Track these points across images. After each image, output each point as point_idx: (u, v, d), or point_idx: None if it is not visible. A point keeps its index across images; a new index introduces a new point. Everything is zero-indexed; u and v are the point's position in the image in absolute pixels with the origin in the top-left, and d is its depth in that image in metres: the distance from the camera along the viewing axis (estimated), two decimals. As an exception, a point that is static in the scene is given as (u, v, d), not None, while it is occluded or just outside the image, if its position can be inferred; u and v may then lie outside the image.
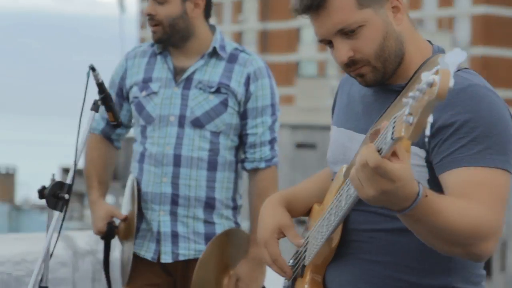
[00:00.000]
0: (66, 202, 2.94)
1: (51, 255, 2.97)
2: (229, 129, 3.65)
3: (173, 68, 3.68)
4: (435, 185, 2.19)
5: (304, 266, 2.37)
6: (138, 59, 3.76)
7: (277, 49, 69.61)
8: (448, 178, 2.15)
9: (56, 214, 2.94)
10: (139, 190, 3.68)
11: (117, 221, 3.74)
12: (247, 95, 3.65)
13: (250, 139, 3.66)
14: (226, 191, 3.67)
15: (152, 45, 3.75)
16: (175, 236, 3.63)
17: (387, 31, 2.25)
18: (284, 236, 2.41)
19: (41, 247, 3.55)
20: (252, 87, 3.65)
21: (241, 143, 3.71)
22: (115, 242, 3.83)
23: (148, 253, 3.67)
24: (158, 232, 3.64)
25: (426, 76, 1.81)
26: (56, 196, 2.94)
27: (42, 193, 2.95)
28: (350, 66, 2.27)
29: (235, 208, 3.73)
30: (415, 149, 2.20)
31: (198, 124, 3.61)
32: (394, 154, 1.94)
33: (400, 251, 2.24)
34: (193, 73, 3.66)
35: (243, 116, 3.66)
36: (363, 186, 1.96)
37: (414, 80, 2.27)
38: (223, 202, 3.67)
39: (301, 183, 2.61)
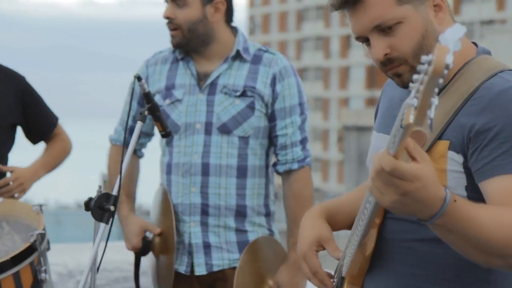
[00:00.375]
0: (112, 214, 2.90)
1: (98, 267, 2.94)
2: (257, 132, 3.53)
3: (196, 73, 3.57)
4: (474, 192, 2.08)
5: (342, 278, 2.28)
6: (160, 65, 3.66)
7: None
8: (489, 186, 2.04)
9: (102, 225, 2.90)
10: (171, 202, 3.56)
11: (149, 235, 3.64)
12: (274, 96, 3.52)
13: (281, 141, 3.54)
14: (257, 198, 3.55)
15: (174, 51, 3.64)
16: (207, 247, 3.53)
17: (427, 29, 2.15)
18: (324, 249, 2.32)
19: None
20: (278, 87, 3.52)
21: (271, 146, 3.59)
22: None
23: (181, 266, 3.57)
24: (190, 244, 3.54)
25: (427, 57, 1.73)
26: (102, 208, 2.90)
27: (87, 205, 2.92)
28: (387, 64, 2.17)
29: (268, 215, 3.61)
30: (451, 154, 2.10)
31: (225, 130, 3.50)
32: (412, 158, 1.84)
33: (437, 263, 2.14)
34: (217, 77, 3.54)
35: (271, 118, 3.54)
36: (383, 194, 1.85)
37: (455, 81, 2.16)
38: (255, 209, 3.55)
39: (345, 194, 2.53)
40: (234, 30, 3.63)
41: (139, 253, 3.64)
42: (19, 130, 3.90)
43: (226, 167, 3.51)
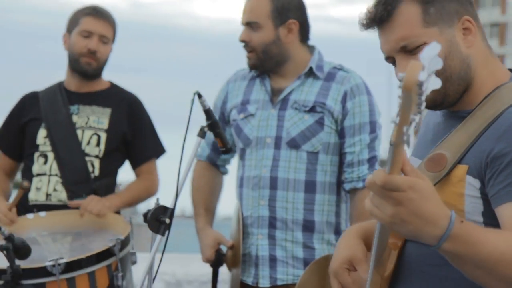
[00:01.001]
0: (168, 226, 3.00)
1: (154, 278, 3.04)
2: (327, 148, 3.55)
3: (270, 90, 3.64)
4: (491, 218, 2.05)
5: None
6: (239, 82, 3.75)
7: None
8: (504, 211, 2.01)
9: (159, 237, 3.00)
10: (241, 216, 3.63)
11: (224, 249, 3.72)
12: (344, 113, 3.54)
13: (348, 158, 3.54)
14: (327, 214, 3.56)
15: (251, 69, 3.72)
16: (273, 260, 3.57)
17: (451, 50, 2.14)
18: (355, 269, 2.32)
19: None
20: (349, 104, 3.54)
21: (342, 163, 3.59)
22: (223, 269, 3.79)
23: (248, 278, 3.62)
24: (256, 256, 3.59)
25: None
26: (158, 220, 3.01)
27: (145, 216, 3.03)
28: None
29: (338, 233, 3.59)
30: (469, 178, 2.08)
31: (294, 144, 3.54)
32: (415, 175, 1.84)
33: (451, 283, 2.11)
34: (290, 93, 3.60)
35: (341, 134, 3.56)
36: (380, 210, 1.85)
37: (482, 105, 2.14)
38: (324, 226, 3.56)
39: None
40: (312, 49, 3.67)
41: (213, 265, 3.71)
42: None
43: (294, 182, 3.55)
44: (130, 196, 4.03)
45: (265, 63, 3.60)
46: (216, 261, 3.70)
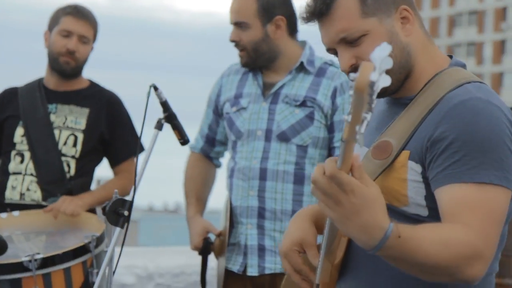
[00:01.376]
0: (127, 218, 3.01)
1: (114, 271, 3.05)
2: (316, 142, 3.61)
3: (262, 84, 3.72)
4: (433, 201, 2.11)
5: (317, 285, 2.32)
6: (232, 76, 3.83)
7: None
8: (441, 195, 2.07)
9: (117, 230, 3.02)
10: (230, 205, 3.72)
11: (213, 237, 3.80)
12: (334, 108, 3.60)
13: (337, 153, 3.61)
14: None
15: None
16: (261, 249, 3.64)
17: (391, 41, 2.18)
18: (305, 252, 2.35)
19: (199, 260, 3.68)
20: (338, 100, 3.61)
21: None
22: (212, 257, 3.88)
23: (235, 265, 3.70)
24: (245, 246, 3.67)
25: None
26: (117, 212, 3.02)
27: (104, 209, 3.04)
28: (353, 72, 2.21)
29: None
30: (411, 163, 2.13)
31: (284, 137, 3.61)
32: (362, 181, 1.90)
33: (399, 271, 2.14)
34: (281, 87, 3.67)
35: (330, 129, 3.62)
36: (323, 201, 1.92)
37: (423, 92, 2.19)
38: None
39: None
40: (302, 43, 3.75)
41: (201, 253, 3.80)
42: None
43: (283, 173, 3.62)
44: (104, 194, 4.02)
45: (257, 60, 3.67)
46: (203, 249, 3.77)
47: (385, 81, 1.81)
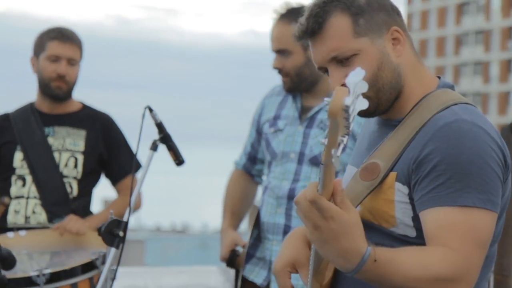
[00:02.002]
0: (122, 239, 3.03)
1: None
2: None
3: (300, 107, 3.79)
4: (420, 222, 2.13)
5: None
6: (274, 97, 3.92)
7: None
8: (425, 217, 2.09)
9: (113, 250, 3.04)
10: (258, 219, 3.79)
11: (241, 250, 3.86)
12: None
13: None
14: None
15: None
16: None
17: (382, 61, 2.21)
18: (297, 272, 2.37)
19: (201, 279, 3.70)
20: None
21: None
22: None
23: (257, 278, 3.76)
24: (270, 261, 3.73)
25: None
26: (112, 233, 3.04)
27: (99, 230, 3.06)
28: None
29: None
30: (398, 185, 2.15)
31: (315, 162, 3.67)
32: (335, 202, 1.92)
33: None
34: (317, 112, 3.73)
35: None
36: (303, 221, 1.95)
37: (411, 113, 2.20)
38: None
39: None
40: None
41: (228, 265, 3.87)
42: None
43: None
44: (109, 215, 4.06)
45: (300, 85, 3.73)
46: (229, 260, 3.85)
47: (362, 105, 1.84)
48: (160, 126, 3.17)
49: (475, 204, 2.05)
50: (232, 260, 3.85)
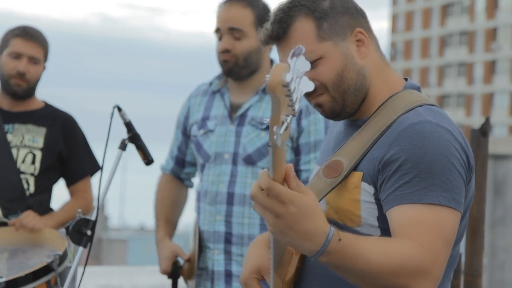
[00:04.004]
0: (90, 238, 3.03)
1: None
2: None
3: (229, 105, 3.68)
4: (385, 222, 2.14)
5: None
6: (200, 97, 3.79)
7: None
8: (392, 215, 2.11)
9: (81, 249, 3.04)
10: (199, 228, 3.68)
11: (182, 261, 3.75)
12: (299, 130, 3.56)
13: (303, 176, 3.56)
14: None
15: (210, 84, 3.77)
16: (228, 275, 3.60)
17: (346, 63, 2.23)
18: (264, 279, 2.38)
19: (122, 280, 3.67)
20: (304, 122, 3.56)
21: None
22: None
23: None
24: (212, 271, 3.63)
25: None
26: (80, 232, 3.04)
27: (67, 229, 3.06)
28: (310, 94, 2.26)
29: None
30: (364, 185, 2.17)
31: (250, 161, 3.57)
32: (290, 187, 1.92)
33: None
34: (248, 109, 3.64)
35: (296, 152, 3.58)
36: (263, 215, 1.94)
37: (376, 114, 2.23)
38: None
39: None
40: (272, 63, 3.72)
41: (170, 277, 3.74)
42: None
43: (250, 197, 3.55)
44: (65, 217, 4.02)
45: (242, 70, 3.60)
46: (172, 273, 3.72)
47: (307, 86, 1.83)
48: (129, 126, 3.17)
49: (440, 202, 2.07)
50: (175, 272, 3.72)
